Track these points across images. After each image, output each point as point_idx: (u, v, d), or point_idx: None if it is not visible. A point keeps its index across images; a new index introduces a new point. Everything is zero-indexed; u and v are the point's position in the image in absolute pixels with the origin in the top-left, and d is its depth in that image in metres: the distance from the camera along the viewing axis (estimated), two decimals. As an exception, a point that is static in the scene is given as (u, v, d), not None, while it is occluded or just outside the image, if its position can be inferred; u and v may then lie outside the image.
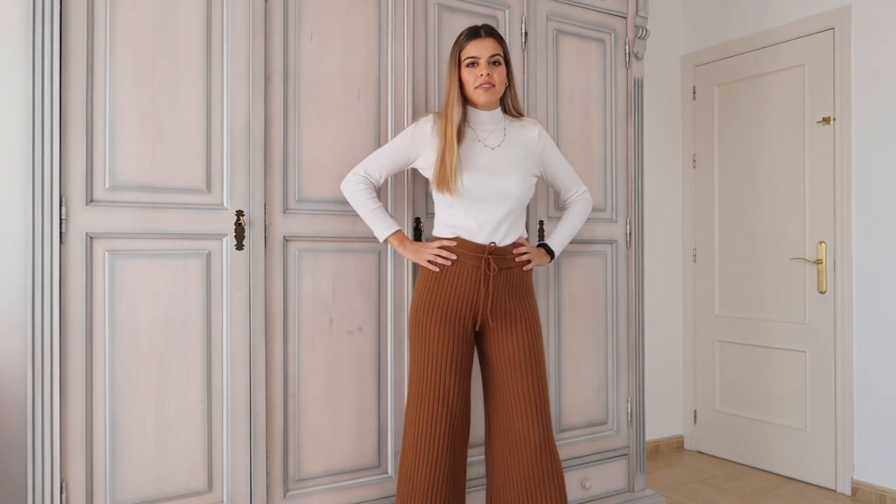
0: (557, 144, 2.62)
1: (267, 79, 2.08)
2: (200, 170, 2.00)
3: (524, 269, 2.10)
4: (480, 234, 2.03)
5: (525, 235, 2.14)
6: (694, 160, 3.85)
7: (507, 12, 2.50)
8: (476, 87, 2.00)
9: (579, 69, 2.69)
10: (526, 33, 2.54)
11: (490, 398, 2.11)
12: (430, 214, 2.34)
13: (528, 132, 2.14)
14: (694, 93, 3.84)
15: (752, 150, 3.55)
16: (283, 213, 2.10)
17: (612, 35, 2.78)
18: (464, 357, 2.04)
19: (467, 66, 2.01)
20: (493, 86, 2.01)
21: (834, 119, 3.17)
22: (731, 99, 3.66)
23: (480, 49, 2.00)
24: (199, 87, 1.99)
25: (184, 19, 1.97)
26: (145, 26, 1.92)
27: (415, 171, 2.29)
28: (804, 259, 3.29)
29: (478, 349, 2.14)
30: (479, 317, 2.04)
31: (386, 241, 2.11)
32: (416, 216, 2.30)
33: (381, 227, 2.09)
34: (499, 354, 2.05)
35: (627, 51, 2.81)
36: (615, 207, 2.78)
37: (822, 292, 3.22)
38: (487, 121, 2.08)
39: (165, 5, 1.95)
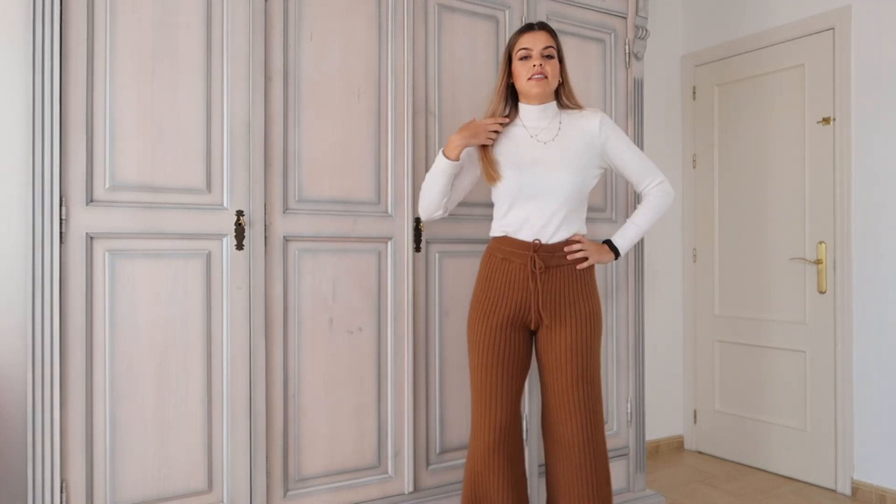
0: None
1: (267, 79, 2.08)
2: (200, 170, 2.00)
3: (578, 266, 2.02)
4: (526, 231, 1.99)
5: (583, 232, 2.07)
6: (694, 160, 3.85)
7: (507, 12, 2.50)
8: (528, 79, 1.96)
9: (579, 69, 2.69)
10: (526, 33, 2.54)
11: (542, 399, 2.10)
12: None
13: (588, 122, 2.04)
14: (694, 93, 3.84)
15: (752, 150, 3.55)
16: (283, 213, 2.10)
17: (612, 35, 2.78)
18: (514, 360, 2.02)
19: (520, 59, 1.98)
20: (546, 77, 1.96)
21: (834, 119, 3.17)
22: (731, 99, 3.66)
23: (533, 41, 1.97)
24: (199, 87, 1.99)
25: (184, 19, 1.97)
26: (145, 26, 1.92)
27: (414, 172, 2.29)
28: (804, 259, 3.29)
29: (535, 348, 2.12)
30: (532, 316, 2.00)
31: (447, 158, 2.00)
32: (416, 216, 2.30)
33: (438, 163, 2.02)
34: (547, 355, 2.02)
35: (627, 51, 2.81)
36: (615, 207, 2.77)
37: (822, 292, 3.21)
38: (540, 115, 2.03)
39: (165, 5, 1.95)
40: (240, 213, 2.04)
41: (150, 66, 1.93)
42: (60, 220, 1.80)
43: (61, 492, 1.80)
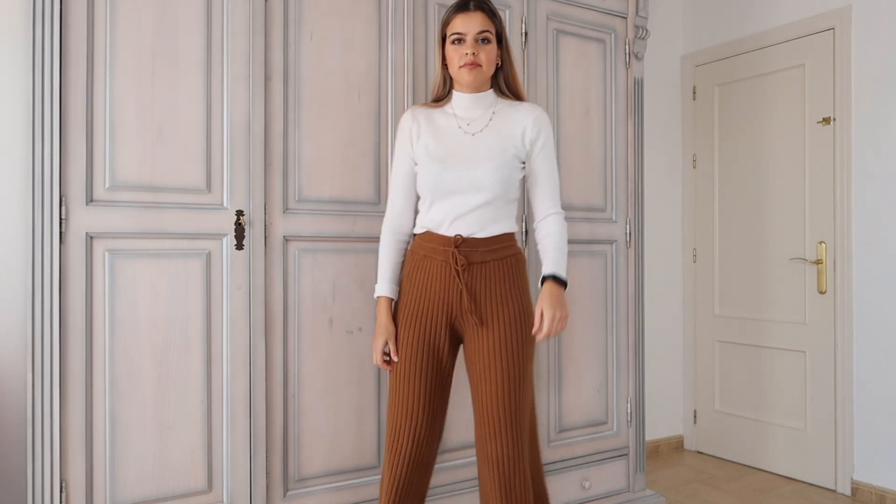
0: (557, 144, 2.62)
1: (267, 79, 2.08)
2: (200, 169, 2.00)
3: (541, 336, 1.78)
4: (447, 226, 1.82)
5: (512, 229, 1.89)
6: (694, 160, 3.85)
7: (507, 12, 2.50)
8: (460, 67, 1.80)
9: (579, 69, 2.69)
10: (526, 33, 2.54)
11: (474, 411, 1.87)
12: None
13: (524, 116, 1.87)
14: (694, 93, 3.84)
15: (752, 150, 3.55)
16: (283, 212, 2.10)
17: (612, 35, 2.78)
18: (437, 368, 1.83)
19: (453, 42, 1.81)
20: (480, 66, 1.80)
21: (834, 119, 3.17)
22: (731, 99, 3.66)
23: (467, 24, 1.78)
24: (199, 86, 1.99)
25: (184, 19, 1.97)
26: (145, 26, 1.92)
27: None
28: (804, 259, 3.29)
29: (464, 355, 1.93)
30: (457, 319, 1.82)
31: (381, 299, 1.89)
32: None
33: (377, 285, 1.91)
34: (473, 362, 1.83)
35: (627, 51, 2.81)
36: (615, 207, 2.78)
37: (822, 292, 3.21)
38: (472, 104, 1.87)
39: (165, 5, 1.95)
40: (240, 213, 2.04)
41: (150, 65, 1.93)
42: (60, 219, 1.80)
43: (61, 492, 1.80)
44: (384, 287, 1.89)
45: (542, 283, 1.83)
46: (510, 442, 1.77)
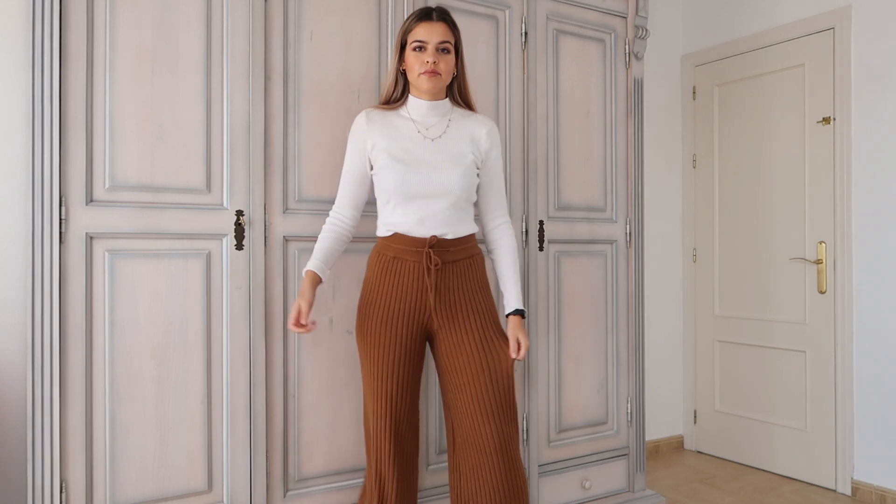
0: (557, 144, 2.62)
1: (267, 79, 2.08)
2: (200, 170, 2.00)
3: (519, 357, 1.91)
4: (418, 228, 1.88)
5: (473, 230, 1.97)
6: (694, 160, 3.85)
7: (507, 12, 2.50)
8: (420, 74, 1.87)
9: (579, 69, 2.69)
10: (526, 33, 2.54)
11: (449, 405, 1.95)
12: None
13: (477, 127, 1.98)
14: (694, 93, 3.84)
15: (752, 150, 3.55)
16: (283, 212, 2.10)
17: (612, 35, 2.78)
18: (410, 367, 1.92)
19: (414, 49, 1.88)
20: (439, 74, 1.88)
21: (834, 119, 3.17)
22: (731, 99, 3.66)
23: (429, 33, 1.86)
24: (199, 86, 1.99)
25: (184, 19, 1.97)
26: (145, 26, 1.92)
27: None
28: (804, 259, 3.29)
29: (431, 353, 2.02)
30: (429, 317, 1.90)
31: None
32: (415, 216, 2.30)
33: (309, 262, 1.93)
34: (452, 356, 1.90)
35: (627, 51, 2.81)
36: (615, 207, 2.78)
37: (822, 292, 3.21)
38: (430, 111, 1.95)
39: (165, 5, 1.95)
40: (239, 213, 2.04)
41: (149, 65, 1.93)
42: (60, 219, 1.80)
43: (61, 492, 1.80)
44: (314, 264, 1.91)
45: (508, 315, 1.98)
46: (507, 424, 1.87)
